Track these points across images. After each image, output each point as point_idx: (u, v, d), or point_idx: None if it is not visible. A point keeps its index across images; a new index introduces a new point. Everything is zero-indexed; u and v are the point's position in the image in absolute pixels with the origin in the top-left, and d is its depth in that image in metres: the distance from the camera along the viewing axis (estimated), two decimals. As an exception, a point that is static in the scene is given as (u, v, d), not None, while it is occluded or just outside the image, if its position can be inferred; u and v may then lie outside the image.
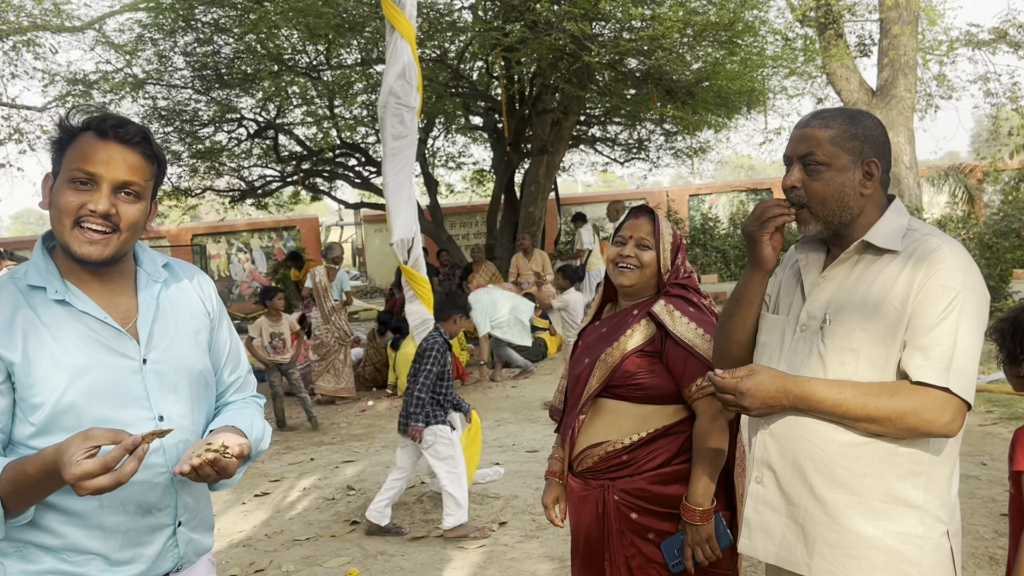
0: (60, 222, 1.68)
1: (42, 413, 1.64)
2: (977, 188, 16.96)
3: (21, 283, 1.72)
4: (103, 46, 13.56)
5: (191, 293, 1.93)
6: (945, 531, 1.87)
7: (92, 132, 1.68)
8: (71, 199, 1.67)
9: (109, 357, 1.71)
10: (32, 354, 1.64)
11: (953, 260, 1.83)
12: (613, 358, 2.48)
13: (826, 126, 1.92)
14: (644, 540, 2.45)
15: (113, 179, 1.68)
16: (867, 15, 15.08)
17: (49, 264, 1.74)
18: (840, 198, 1.91)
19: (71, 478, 1.44)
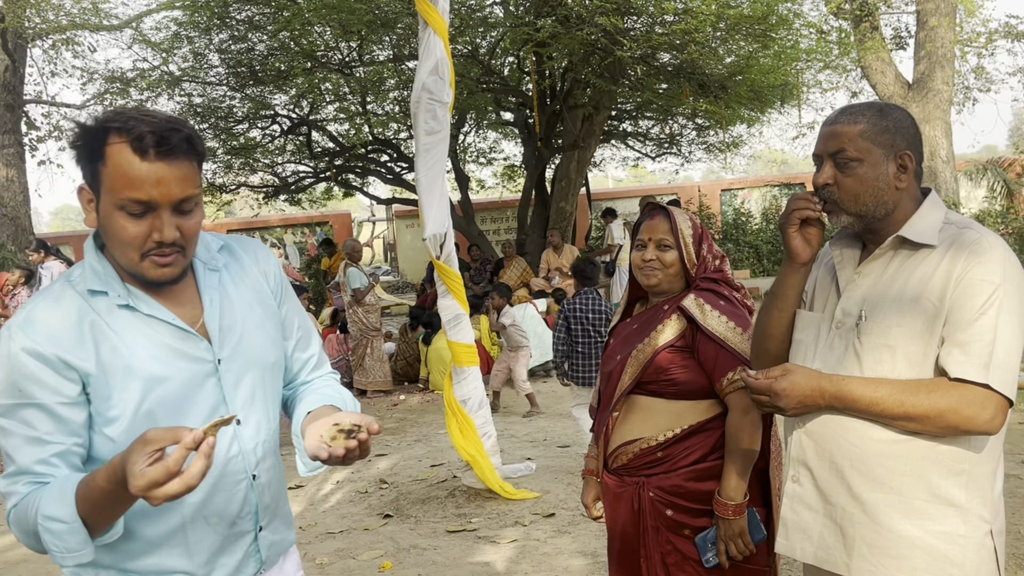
0: (126, 254, 1.55)
1: (119, 426, 1.54)
2: (1016, 182, 16.65)
3: (79, 287, 1.59)
4: (140, 44, 13.77)
5: (253, 273, 1.79)
6: (988, 530, 1.84)
7: (128, 148, 1.48)
8: (132, 231, 1.52)
9: (182, 362, 1.61)
10: (106, 363, 1.54)
11: (992, 253, 1.79)
12: (645, 354, 2.47)
13: (855, 121, 1.90)
14: (680, 537, 2.44)
15: (171, 201, 1.52)
16: (903, 7, 14.86)
17: (106, 266, 1.61)
18: (875, 193, 1.89)
19: (137, 490, 1.33)
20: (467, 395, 5.42)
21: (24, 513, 1.48)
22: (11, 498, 1.52)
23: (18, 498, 1.50)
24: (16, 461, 1.52)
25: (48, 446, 1.51)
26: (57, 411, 1.52)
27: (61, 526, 1.44)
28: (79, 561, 1.47)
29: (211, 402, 1.64)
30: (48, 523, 1.44)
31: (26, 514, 1.47)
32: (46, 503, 1.45)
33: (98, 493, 1.42)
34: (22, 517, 1.49)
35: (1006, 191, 16.35)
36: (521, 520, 4.99)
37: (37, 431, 1.51)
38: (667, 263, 2.51)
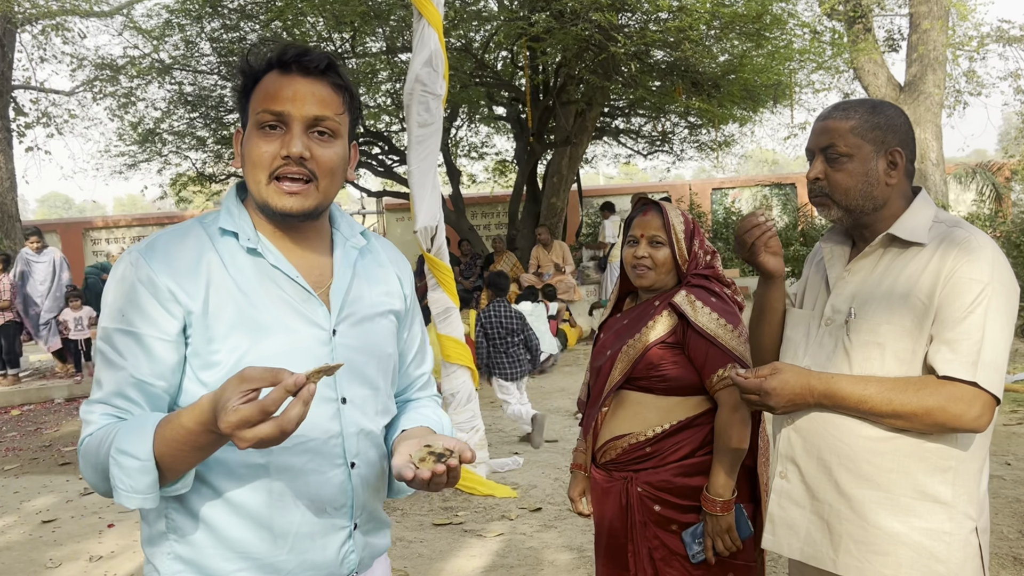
0: (255, 177, 1.49)
1: (217, 374, 1.44)
2: (1005, 186, 16.75)
3: (211, 227, 1.53)
4: (131, 31, 13.70)
5: (390, 271, 1.71)
6: (974, 527, 1.85)
7: (275, 69, 1.49)
8: (263, 148, 1.47)
9: (296, 322, 1.51)
10: (215, 305, 1.46)
11: (981, 252, 1.80)
12: (635, 350, 2.47)
13: (847, 117, 1.91)
14: (667, 532, 2.44)
15: (303, 116, 1.46)
16: (896, 9, 14.92)
17: (242, 211, 1.55)
18: (864, 188, 1.90)
19: (228, 426, 1.22)
20: (455, 389, 5.42)
21: (97, 445, 1.40)
22: (87, 427, 1.44)
23: (94, 428, 1.43)
24: (101, 388, 1.45)
25: (133, 381, 1.43)
26: (151, 346, 1.43)
27: (134, 463, 1.34)
28: (143, 505, 1.36)
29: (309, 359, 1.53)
30: (121, 457, 1.34)
31: (99, 446, 1.39)
32: (122, 436, 1.36)
33: (181, 433, 1.32)
34: (92, 449, 1.41)
35: (995, 195, 16.43)
36: (508, 514, 4.99)
37: (126, 362, 1.43)
38: (659, 261, 2.51)
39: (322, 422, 1.51)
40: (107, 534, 5.05)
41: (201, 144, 14.92)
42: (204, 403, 1.30)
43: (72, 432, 8.04)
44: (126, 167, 15.63)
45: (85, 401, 1.47)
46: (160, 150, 15.06)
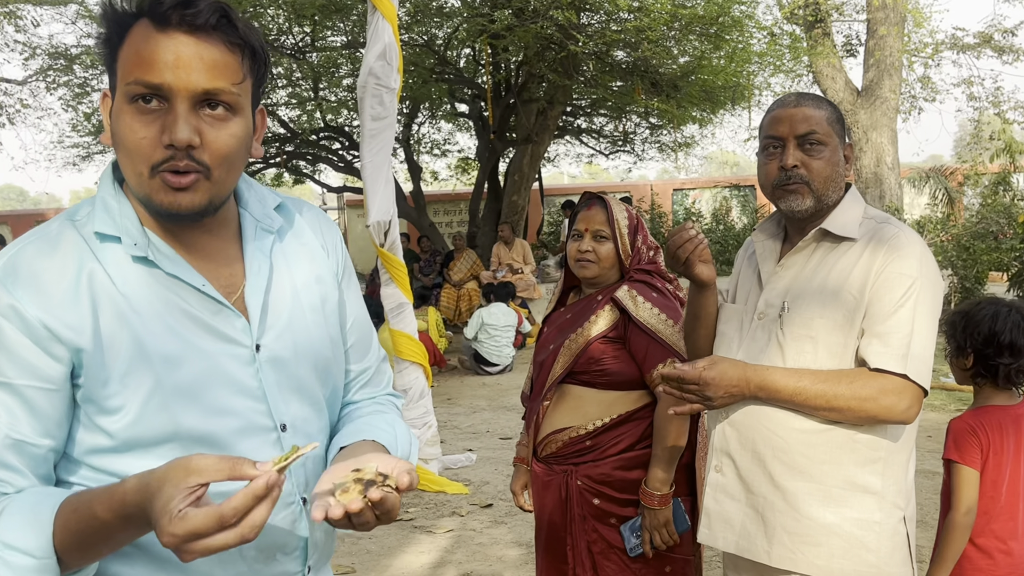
0: (133, 168, 1.16)
1: (122, 419, 1.15)
2: (957, 191, 17.07)
3: (85, 228, 1.19)
4: (85, 20, 13.39)
5: (313, 244, 1.39)
6: (902, 516, 1.89)
7: (148, 21, 1.14)
8: (139, 132, 1.14)
9: (209, 342, 1.21)
10: (106, 335, 1.15)
11: (909, 248, 1.85)
12: (577, 344, 2.48)
13: (818, 107, 1.95)
14: (606, 526, 2.45)
15: (190, 89, 1.13)
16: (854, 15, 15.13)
17: (123, 204, 1.21)
18: (835, 178, 1.94)
19: (172, 540, 0.98)
20: (408, 385, 5.39)
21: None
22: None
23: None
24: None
25: (11, 442, 1.12)
26: (31, 399, 1.12)
27: (27, 561, 1.06)
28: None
29: (247, 399, 1.24)
30: (9, 554, 1.06)
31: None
32: (10, 526, 1.07)
33: (93, 525, 1.06)
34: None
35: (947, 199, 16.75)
36: (458, 510, 4.98)
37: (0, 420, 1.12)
38: (602, 255, 2.51)
39: (262, 457, 1.20)
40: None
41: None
42: (128, 492, 1.04)
43: None
44: (80, 159, 15.36)
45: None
46: (116, 142, 14.80)
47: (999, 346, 2.35)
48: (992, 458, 2.33)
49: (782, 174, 1.93)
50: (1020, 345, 2.35)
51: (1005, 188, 13.72)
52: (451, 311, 12.15)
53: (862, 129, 13.69)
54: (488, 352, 9.43)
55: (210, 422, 1.20)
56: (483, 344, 9.45)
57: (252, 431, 1.24)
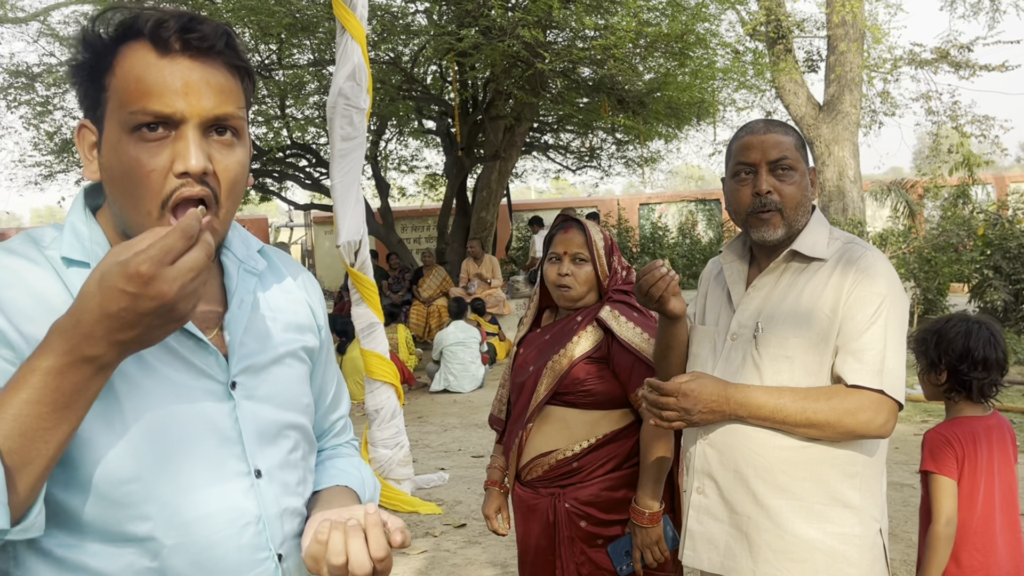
0: (139, 207, 1.08)
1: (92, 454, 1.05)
2: (918, 203, 17.39)
3: (50, 251, 1.11)
4: (47, 38, 13.25)
5: (297, 297, 1.35)
6: (878, 528, 1.94)
7: (146, 45, 1.07)
8: (147, 165, 1.06)
9: (183, 375, 1.13)
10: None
11: (877, 266, 1.90)
12: (561, 365, 2.48)
13: (786, 133, 1.99)
14: (593, 548, 2.45)
15: (202, 116, 1.08)
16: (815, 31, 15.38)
17: (95, 231, 1.14)
18: (804, 203, 1.99)
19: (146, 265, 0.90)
20: (379, 405, 5.36)
21: None
22: None
23: None
24: None
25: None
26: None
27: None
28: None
29: (221, 439, 1.15)
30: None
31: None
32: None
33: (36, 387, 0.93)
34: None
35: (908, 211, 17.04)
36: (432, 531, 4.95)
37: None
38: (582, 279, 2.52)
39: (233, 504, 1.15)
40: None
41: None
42: (62, 322, 0.94)
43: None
44: (42, 178, 15.12)
45: None
46: (78, 160, 14.60)
47: (973, 361, 2.41)
48: (967, 468, 2.38)
49: (756, 200, 1.96)
50: (992, 360, 2.42)
51: (964, 200, 14.00)
52: (420, 328, 12.11)
53: (824, 143, 13.91)
54: (456, 378, 9.38)
55: (177, 463, 1.10)
56: (449, 365, 9.41)
57: (224, 476, 1.15)
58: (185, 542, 1.10)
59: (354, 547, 1.06)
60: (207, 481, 1.13)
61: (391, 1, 12.16)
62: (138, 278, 0.91)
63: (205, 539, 1.12)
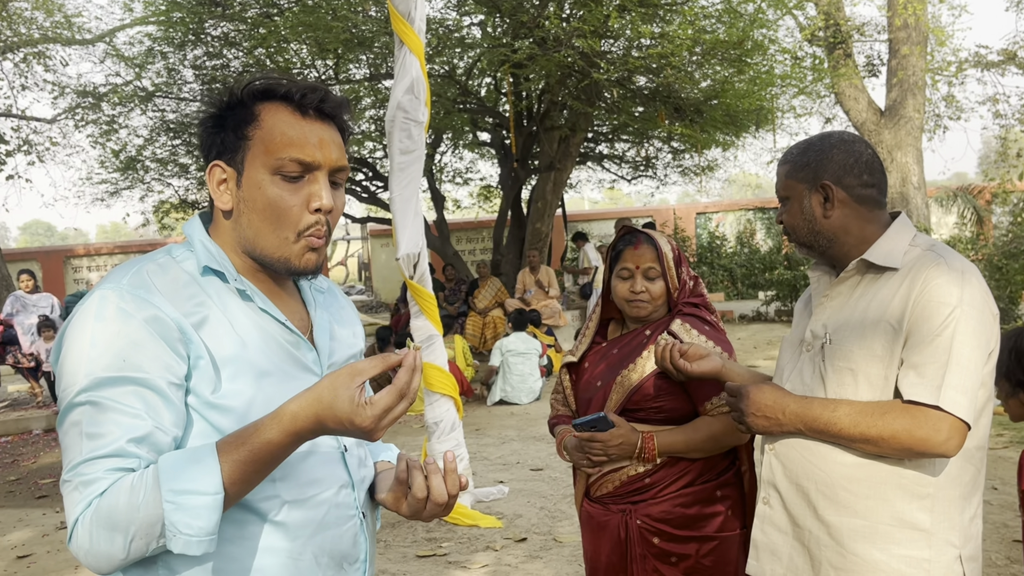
0: (279, 234, 1.38)
1: (228, 417, 1.32)
2: (986, 209, 16.90)
3: (186, 263, 1.39)
4: (113, 59, 13.67)
5: (351, 312, 1.68)
6: (957, 555, 1.83)
7: (286, 107, 1.38)
8: (289, 201, 1.37)
9: (291, 367, 1.42)
10: (215, 347, 1.34)
11: (951, 275, 1.79)
12: (630, 380, 2.43)
13: (784, 162, 2.03)
14: (667, 564, 2.41)
15: (330, 165, 1.39)
16: (876, 35, 15.09)
17: (220, 251, 1.42)
18: (806, 226, 1.98)
19: (371, 421, 1.21)
20: (439, 417, 5.35)
21: (124, 500, 1.19)
22: (91, 487, 1.22)
23: (104, 485, 1.21)
24: (102, 441, 1.23)
25: (145, 432, 1.25)
26: (168, 394, 1.28)
27: (203, 499, 1.19)
28: (208, 549, 1.21)
29: None
30: (183, 498, 1.18)
31: (128, 499, 1.19)
32: (174, 476, 1.20)
33: (267, 449, 1.23)
34: (115, 506, 1.19)
35: (976, 218, 16.58)
36: (492, 545, 4.91)
37: (136, 409, 1.25)
38: (655, 295, 2.49)
39: (333, 471, 1.45)
40: (83, 570, 4.94)
41: (183, 171, 14.85)
42: (296, 412, 1.24)
43: (51, 464, 7.90)
44: (108, 194, 15.57)
45: (74, 464, 1.25)
46: (142, 177, 15.00)
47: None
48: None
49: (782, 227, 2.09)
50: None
51: (1035, 206, 13.54)
52: (476, 339, 12.14)
53: (887, 149, 13.61)
54: (514, 389, 9.37)
55: None
56: (508, 376, 9.40)
57: (320, 450, 1.44)
58: (300, 499, 1.39)
59: (435, 483, 1.39)
60: (307, 455, 1.41)
61: (446, 15, 12.26)
62: (359, 426, 1.23)
63: (314, 497, 1.41)
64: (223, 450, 1.23)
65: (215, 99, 1.41)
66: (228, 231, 1.43)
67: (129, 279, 1.32)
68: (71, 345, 1.28)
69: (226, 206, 1.40)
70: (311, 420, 1.24)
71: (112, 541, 1.20)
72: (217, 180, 1.41)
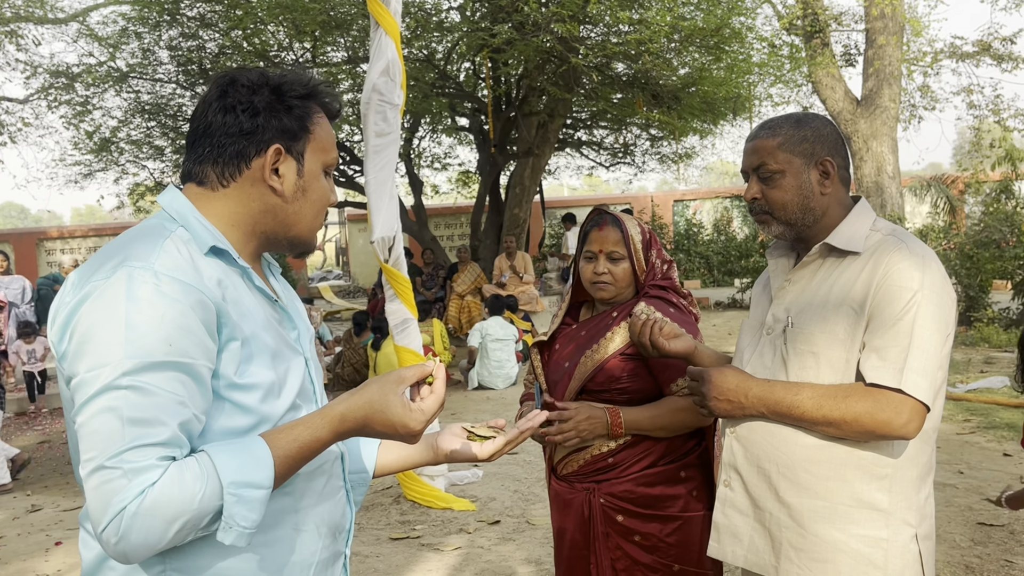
0: (315, 218, 1.51)
1: (254, 395, 1.36)
2: (959, 199, 17.08)
3: (191, 244, 1.37)
4: (86, 38, 13.46)
5: (294, 293, 1.68)
6: (913, 534, 1.86)
7: (324, 110, 1.51)
8: (328, 193, 1.52)
9: (284, 346, 1.46)
10: (237, 327, 1.35)
11: (912, 260, 1.82)
12: (593, 361, 2.45)
13: (773, 135, 1.95)
14: (630, 543, 2.42)
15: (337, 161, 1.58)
16: (853, 25, 15.18)
17: (215, 230, 1.42)
18: (800, 201, 1.93)
19: (421, 425, 1.36)
20: (414, 401, 5.35)
21: (177, 491, 1.19)
22: (141, 476, 1.19)
23: (157, 473, 1.19)
24: (148, 429, 1.21)
25: (187, 418, 1.26)
26: (203, 377, 1.28)
27: (259, 493, 1.24)
28: (249, 541, 1.26)
29: (308, 391, 1.50)
30: (244, 491, 1.23)
31: (183, 491, 1.19)
32: (234, 469, 1.23)
33: (315, 447, 1.33)
34: (172, 496, 1.19)
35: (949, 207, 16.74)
36: (466, 527, 4.94)
37: (181, 398, 1.25)
38: (618, 276, 2.48)
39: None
40: (54, 552, 4.92)
41: (159, 153, 14.70)
42: (346, 413, 1.35)
43: (23, 447, 7.83)
44: (82, 176, 15.36)
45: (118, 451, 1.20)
46: (117, 159, 14.81)
47: None
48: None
49: (751, 204, 2.01)
50: None
51: (1007, 196, 13.71)
52: (456, 320, 12.19)
53: (862, 138, 13.71)
54: (491, 374, 9.40)
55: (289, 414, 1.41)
56: (485, 361, 9.42)
57: None
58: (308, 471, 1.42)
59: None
60: None
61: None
62: (411, 429, 1.37)
63: (318, 468, 1.46)
64: (273, 444, 1.29)
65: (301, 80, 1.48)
66: (228, 209, 1.44)
67: (160, 259, 1.29)
68: (97, 325, 1.23)
69: (285, 190, 1.45)
70: (359, 422, 1.34)
71: (159, 531, 1.19)
72: (272, 162, 1.43)
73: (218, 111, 1.43)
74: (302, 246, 1.53)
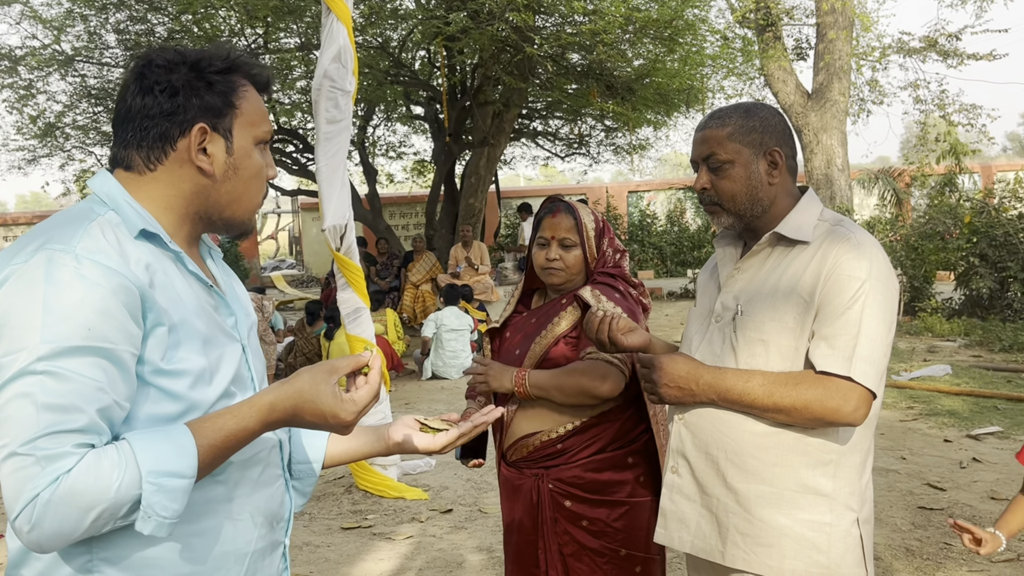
0: (252, 196, 1.45)
1: (183, 382, 1.31)
2: (905, 192, 17.45)
3: (121, 229, 1.33)
4: (30, 20, 13.07)
5: (235, 279, 1.64)
6: (855, 519, 1.90)
7: (252, 87, 1.45)
8: (262, 168, 1.46)
9: (218, 332, 1.42)
10: (165, 312, 1.30)
11: (860, 250, 1.85)
12: (541, 347, 2.47)
13: (722, 125, 1.96)
14: (577, 527, 2.44)
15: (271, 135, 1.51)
16: (804, 19, 15.37)
17: (147, 213, 1.37)
18: (749, 191, 1.95)
19: (352, 415, 1.32)
20: (366, 390, 5.33)
21: (92, 479, 1.15)
22: (55, 463, 1.15)
23: (73, 461, 1.15)
24: (64, 415, 1.17)
25: (107, 405, 1.21)
26: (126, 363, 1.24)
27: (181, 482, 1.20)
28: (170, 532, 1.22)
29: (244, 378, 1.46)
30: (165, 480, 1.18)
31: (98, 479, 1.15)
32: (154, 457, 1.19)
33: (242, 436, 1.28)
34: (87, 485, 1.15)
35: (895, 199, 17.11)
36: (418, 516, 4.94)
37: (99, 382, 1.20)
38: (570, 263, 2.50)
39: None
40: None
41: (106, 139, 14.37)
42: (274, 403, 1.30)
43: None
44: (25, 162, 14.98)
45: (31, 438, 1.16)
46: (62, 145, 14.47)
47: None
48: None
49: (700, 195, 2.02)
50: None
51: (951, 189, 14.05)
52: (410, 310, 12.13)
53: (813, 131, 13.91)
54: (445, 364, 9.39)
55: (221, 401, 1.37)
56: (440, 351, 9.41)
57: None
58: (242, 459, 1.39)
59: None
60: None
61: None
62: (342, 420, 1.33)
63: (254, 456, 1.43)
64: (198, 433, 1.24)
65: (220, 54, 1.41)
66: (158, 192, 1.39)
67: (83, 242, 1.25)
68: (14, 309, 1.19)
69: (215, 170, 1.40)
70: (288, 411, 1.30)
71: (74, 519, 1.16)
72: (198, 142, 1.38)
73: (136, 94, 1.38)
74: (240, 227, 1.48)
